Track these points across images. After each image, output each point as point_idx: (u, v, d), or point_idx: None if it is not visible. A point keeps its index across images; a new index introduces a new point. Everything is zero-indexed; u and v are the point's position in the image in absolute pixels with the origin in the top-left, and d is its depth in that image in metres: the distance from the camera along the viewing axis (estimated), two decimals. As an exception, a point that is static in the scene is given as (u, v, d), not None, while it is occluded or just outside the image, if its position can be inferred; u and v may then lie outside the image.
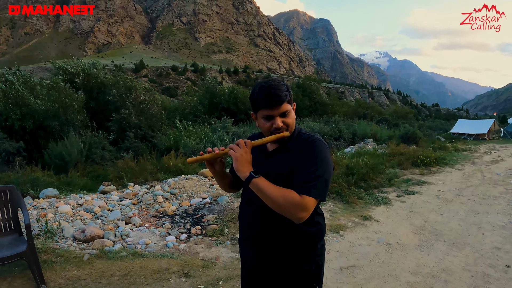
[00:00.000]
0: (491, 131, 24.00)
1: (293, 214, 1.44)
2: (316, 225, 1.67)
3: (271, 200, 1.45)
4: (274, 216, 1.54)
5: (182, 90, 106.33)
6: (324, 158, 1.54)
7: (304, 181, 1.47)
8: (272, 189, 1.46)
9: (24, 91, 11.20)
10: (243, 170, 1.51)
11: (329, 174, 1.54)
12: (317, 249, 1.68)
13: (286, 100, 1.59)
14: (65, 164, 9.37)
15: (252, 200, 1.65)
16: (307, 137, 1.63)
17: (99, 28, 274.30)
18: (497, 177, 8.95)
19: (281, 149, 1.66)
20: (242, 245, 1.86)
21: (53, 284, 3.21)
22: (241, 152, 1.53)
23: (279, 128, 1.59)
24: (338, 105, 31.13)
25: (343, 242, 4.51)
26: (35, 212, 5.27)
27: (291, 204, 1.42)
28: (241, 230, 1.85)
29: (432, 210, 6.00)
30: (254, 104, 1.65)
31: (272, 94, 1.55)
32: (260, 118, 1.64)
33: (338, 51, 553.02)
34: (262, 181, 1.48)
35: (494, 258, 4.02)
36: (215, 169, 1.74)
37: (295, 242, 1.63)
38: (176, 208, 5.69)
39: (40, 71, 68.75)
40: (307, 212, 1.45)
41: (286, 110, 1.60)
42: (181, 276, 3.49)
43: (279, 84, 1.60)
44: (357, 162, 8.20)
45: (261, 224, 1.65)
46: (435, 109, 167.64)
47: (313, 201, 1.46)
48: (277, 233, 1.62)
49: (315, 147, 1.57)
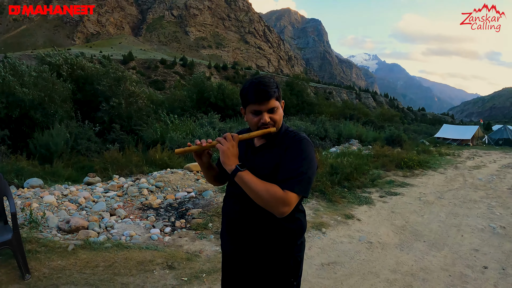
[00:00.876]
0: (475, 137, 24.41)
1: (275, 208, 1.48)
2: (297, 221, 1.70)
3: (255, 193, 1.49)
4: (255, 210, 1.59)
5: (170, 83, 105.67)
6: (308, 156, 1.58)
7: (288, 177, 1.51)
8: (257, 183, 1.49)
9: (12, 79, 11.02)
10: (229, 163, 1.55)
11: (313, 172, 1.58)
12: (296, 245, 1.71)
13: (275, 96, 1.63)
14: (50, 154, 9.26)
15: (235, 193, 1.70)
16: (294, 135, 1.67)
17: (88, 17, 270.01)
18: (479, 182, 9.14)
19: (268, 146, 1.70)
20: (223, 238, 1.88)
21: (37, 274, 3.20)
22: (228, 145, 1.56)
23: (266, 124, 1.63)
24: (325, 105, 31.34)
25: (325, 239, 4.60)
26: (19, 202, 5.23)
27: (274, 198, 1.46)
28: (223, 222, 1.88)
29: (413, 211, 6.13)
30: (243, 99, 1.68)
31: (261, 90, 1.60)
32: (248, 113, 1.68)
33: (327, 51, 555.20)
34: (247, 175, 1.51)
35: (472, 259, 4.14)
36: (202, 161, 1.77)
37: (275, 236, 1.66)
38: (161, 201, 5.71)
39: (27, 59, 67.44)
40: (289, 207, 1.49)
41: (274, 107, 1.64)
42: (165, 268, 3.52)
43: (269, 81, 1.65)
44: (341, 162, 8.30)
45: (242, 217, 1.70)
46: (421, 113, 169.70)
47: (296, 197, 1.50)
48: (257, 226, 1.66)
49: (301, 144, 1.60)
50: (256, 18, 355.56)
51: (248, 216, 1.67)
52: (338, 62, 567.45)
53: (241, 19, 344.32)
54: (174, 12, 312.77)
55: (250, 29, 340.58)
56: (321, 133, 16.04)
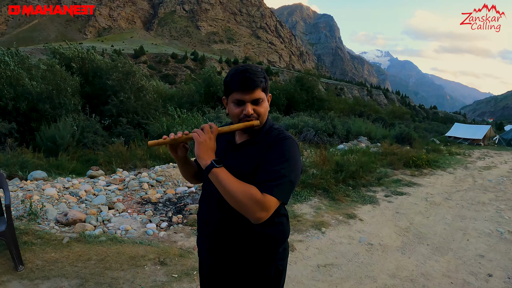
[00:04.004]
0: (487, 137, 24.02)
1: (251, 212, 1.32)
2: (278, 226, 1.55)
3: (229, 194, 1.33)
4: (234, 214, 1.41)
5: (181, 78, 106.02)
6: (292, 158, 1.42)
7: (267, 179, 1.35)
8: (233, 182, 1.34)
9: (20, 71, 11.09)
10: (205, 157, 1.40)
11: (296, 175, 1.42)
12: (278, 253, 1.56)
13: (261, 86, 1.48)
14: (56, 147, 9.31)
15: (212, 194, 1.52)
16: (278, 133, 1.51)
17: (100, 12, 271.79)
18: (488, 183, 8.94)
19: (249, 143, 1.54)
20: (199, 245, 1.72)
21: (31, 265, 3.26)
22: (205, 137, 1.42)
23: (249, 116, 1.48)
24: (335, 101, 31.03)
25: (324, 239, 4.49)
26: (21, 194, 5.29)
27: (251, 201, 1.31)
28: (199, 227, 1.71)
29: (418, 212, 5.98)
30: (226, 87, 1.53)
31: (246, 77, 1.45)
32: (230, 102, 1.52)
33: (339, 47, 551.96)
34: (223, 172, 1.37)
35: (476, 266, 3.97)
36: (177, 154, 1.64)
37: (254, 243, 1.51)
38: (160, 195, 5.67)
39: (39, 53, 68.21)
40: (266, 213, 1.33)
41: (259, 98, 1.49)
42: (157, 263, 3.49)
43: (256, 69, 1.49)
44: (347, 159, 8.17)
45: (220, 221, 1.54)
46: (432, 111, 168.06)
47: (275, 202, 1.34)
48: (236, 232, 1.51)
49: (284, 144, 1.44)
50: (267, 13, 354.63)
51: (230, 225, 1.51)
52: (350, 58, 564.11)
53: (253, 14, 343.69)
54: (186, 7, 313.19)
55: (262, 24, 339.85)
56: (329, 129, 15.85)
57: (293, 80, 27.85)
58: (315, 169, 7.67)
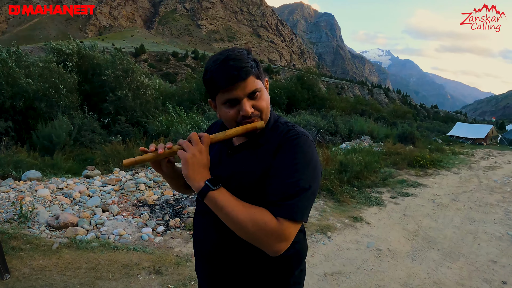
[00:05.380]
0: (489, 137, 23.84)
1: (266, 246, 1.03)
2: (294, 246, 1.19)
3: (235, 224, 1.03)
4: (235, 235, 1.08)
5: (182, 76, 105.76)
6: (310, 162, 1.08)
7: (282, 197, 1.03)
8: (237, 209, 1.02)
9: (16, 69, 10.90)
10: (195, 177, 1.05)
11: (318, 183, 1.11)
12: (293, 276, 1.23)
13: (253, 72, 1.11)
14: (53, 146, 9.11)
15: (209, 212, 1.13)
16: (287, 130, 1.16)
17: (101, 10, 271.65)
18: (494, 183, 8.72)
19: (251, 144, 1.18)
20: (197, 269, 1.38)
21: (17, 273, 3.08)
22: (193, 151, 1.06)
23: (249, 116, 1.12)
24: (337, 100, 30.77)
25: (330, 244, 4.25)
26: (12, 195, 5.09)
27: (264, 232, 1.00)
28: (195, 248, 1.35)
29: (426, 215, 5.74)
30: (209, 87, 1.15)
31: (231, 67, 1.07)
32: (220, 105, 1.15)
33: (340, 46, 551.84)
34: (222, 195, 1.04)
35: (489, 272, 3.75)
36: (163, 171, 1.23)
37: (263, 268, 1.18)
38: (157, 197, 5.42)
39: (39, 51, 68.18)
40: (286, 243, 1.03)
41: (255, 88, 1.11)
42: (151, 272, 3.26)
43: (240, 53, 1.11)
44: (351, 159, 7.95)
45: (218, 242, 1.20)
46: (433, 110, 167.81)
47: (296, 226, 1.04)
48: (240, 255, 1.17)
49: (298, 145, 1.10)
50: (268, 11, 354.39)
51: (232, 245, 1.17)
52: (350, 57, 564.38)
53: (254, 12, 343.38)
54: (187, 5, 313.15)
55: (263, 22, 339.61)
56: (332, 128, 15.62)
57: (294, 79, 27.58)
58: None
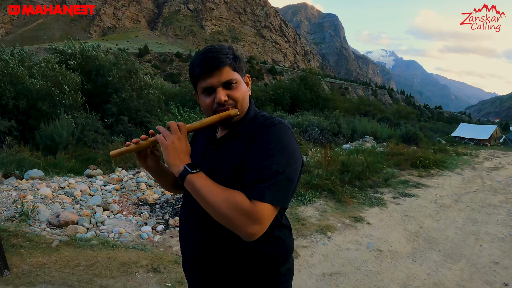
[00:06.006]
0: (493, 137, 23.72)
1: (239, 227, 1.02)
2: (277, 241, 1.22)
3: (209, 205, 1.05)
4: (221, 230, 1.12)
5: (185, 77, 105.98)
6: (286, 147, 1.10)
7: (255, 180, 1.05)
8: (212, 190, 1.05)
9: (19, 69, 10.97)
10: (175, 162, 1.10)
11: (294, 170, 1.11)
12: (279, 274, 1.23)
13: (228, 63, 1.18)
14: (56, 145, 9.16)
15: (194, 207, 1.18)
16: (264, 119, 1.20)
17: (105, 11, 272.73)
18: (498, 184, 8.66)
19: (231, 136, 1.23)
20: (185, 269, 1.39)
21: (17, 270, 3.11)
22: (172, 138, 1.12)
23: (223, 104, 1.18)
24: (340, 100, 30.74)
25: (329, 244, 4.23)
26: (14, 194, 5.15)
27: (237, 212, 1.01)
28: (183, 249, 1.38)
29: (428, 216, 5.71)
30: (192, 77, 1.23)
31: (207, 57, 1.17)
32: (200, 95, 1.24)
33: (344, 47, 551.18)
34: (200, 179, 1.07)
35: (491, 274, 3.71)
36: (147, 164, 1.31)
37: (248, 265, 1.19)
38: (158, 196, 5.44)
39: (44, 52, 68.65)
40: (260, 225, 1.02)
41: (231, 79, 1.18)
42: (149, 271, 3.27)
43: (220, 47, 1.21)
44: (353, 159, 7.92)
45: (205, 241, 1.22)
46: (437, 111, 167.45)
47: (269, 209, 1.03)
48: (225, 252, 1.20)
49: (273, 132, 1.12)
50: (272, 12, 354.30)
51: (218, 243, 1.20)
52: (354, 58, 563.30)
53: (257, 13, 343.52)
54: (190, 6, 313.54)
55: (266, 23, 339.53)
56: (335, 128, 15.63)
57: (297, 79, 27.56)
58: (320, 170, 7.43)
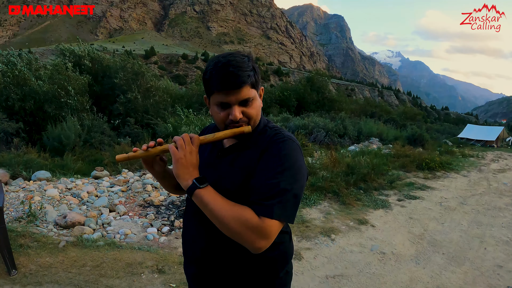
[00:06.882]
0: (500, 139, 23.57)
1: (248, 242, 1.08)
2: (278, 247, 1.26)
3: (218, 220, 1.09)
4: (222, 234, 1.14)
5: (192, 78, 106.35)
6: (294, 165, 1.14)
7: (264, 197, 1.08)
8: (221, 206, 1.09)
9: (26, 71, 11.09)
10: (185, 176, 1.13)
11: (301, 187, 1.15)
12: (278, 278, 1.28)
13: (249, 82, 1.17)
14: (63, 147, 9.25)
15: (198, 212, 1.20)
16: (274, 133, 1.23)
17: (111, 13, 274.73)
18: (504, 187, 8.60)
19: (239, 147, 1.26)
20: (186, 270, 1.42)
21: (24, 270, 3.15)
22: (184, 151, 1.14)
23: (237, 121, 1.18)
24: (346, 102, 30.63)
25: (333, 247, 4.24)
26: (22, 195, 5.21)
27: (245, 228, 1.06)
28: (184, 251, 1.41)
29: (433, 218, 5.69)
30: (206, 86, 1.22)
31: (229, 73, 1.13)
32: (213, 105, 1.23)
33: (350, 48, 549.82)
34: (208, 193, 1.11)
35: (495, 278, 3.70)
36: (154, 170, 1.33)
37: (248, 269, 1.24)
38: (164, 198, 5.48)
39: (51, 54, 69.21)
40: (267, 240, 1.08)
41: (248, 97, 1.18)
42: (154, 271, 3.31)
43: (241, 61, 1.17)
44: (359, 161, 7.91)
45: (207, 245, 1.26)
46: (444, 112, 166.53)
47: (277, 225, 1.09)
48: (227, 257, 1.24)
49: (282, 148, 1.16)
50: (278, 13, 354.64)
51: (219, 248, 1.24)
52: (360, 59, 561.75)
53: (263, 14, 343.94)
54: (196, 8, 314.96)
55: (272, 24, 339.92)
56: (340, 130, 15.60)
57: (303, 81, 27.53)
58: (325, 172, 7.43)
